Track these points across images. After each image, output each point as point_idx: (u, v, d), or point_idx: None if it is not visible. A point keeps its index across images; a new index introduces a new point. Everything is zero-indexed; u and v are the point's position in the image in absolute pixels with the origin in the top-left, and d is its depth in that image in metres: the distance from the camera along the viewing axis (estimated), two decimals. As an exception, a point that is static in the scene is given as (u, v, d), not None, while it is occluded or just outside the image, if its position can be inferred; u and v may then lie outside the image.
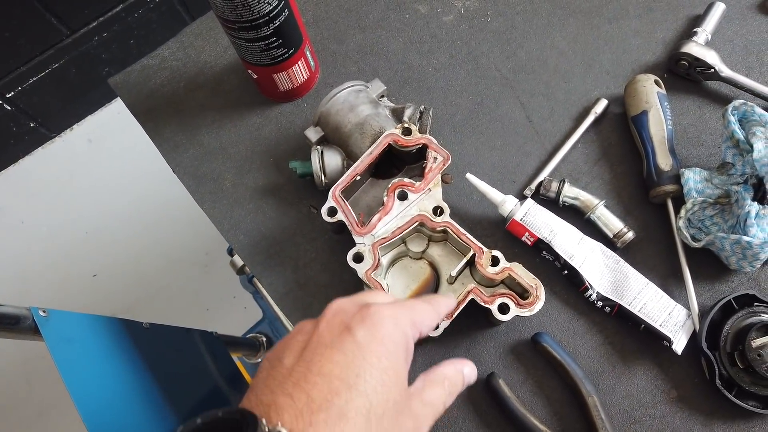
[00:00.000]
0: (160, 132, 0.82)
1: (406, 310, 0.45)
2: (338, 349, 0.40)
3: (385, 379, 0.39)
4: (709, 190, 0.67)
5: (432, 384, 0.46)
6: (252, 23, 0.68)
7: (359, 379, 0.38)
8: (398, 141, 0.68)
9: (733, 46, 0.78)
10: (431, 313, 0.49)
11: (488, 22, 0.84)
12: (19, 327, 0.80)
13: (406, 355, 0.43)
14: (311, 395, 0.37)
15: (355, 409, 0.37)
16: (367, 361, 0.39)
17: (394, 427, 0.40)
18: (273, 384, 0.39)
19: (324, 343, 0.40)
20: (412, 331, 0.45)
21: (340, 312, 0.44)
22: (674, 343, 0.64)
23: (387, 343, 0.41)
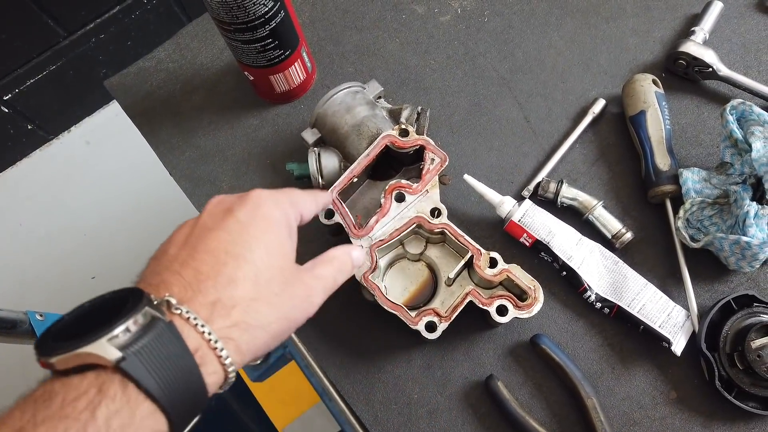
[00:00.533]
0: (157, 134, 0.82)
1: (284, 192, 0.48)
2: (221, 229, 0.42)
3: (269, 249, 0.42)
4: (707, 190, 0.67)
5: (321, 262, 0.49)
6: (248, 25, 0.67)
7: (245, 250, 0.41)
8: (395, 142, 0.67)
9: (731, 45, 0.78)
10: (309, 197, 0.52)
11: (485, 22, 0.83)
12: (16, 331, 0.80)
13: (288, 231, 0.46)
14: (199, 269, 0.39)
15: (243, 274, 0.40)
16: (251, 234, 0.42)
17: (284, 292, 0.42)
18: (159, 268, 0.40)
19: (207, 227, 0.42)
20: (292, 210, 0.48)
21: (221, 202, 0.46)
22: (673, 344, 0.63)
23: (268, 219, 0.44)
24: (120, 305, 0.34)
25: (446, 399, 0.67)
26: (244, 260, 0.40)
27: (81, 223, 1.90)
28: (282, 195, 0.48)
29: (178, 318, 0.36)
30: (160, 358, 0.33)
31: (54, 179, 1.96)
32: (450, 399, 0.67)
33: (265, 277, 0.41)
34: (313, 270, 0.47)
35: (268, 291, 0.41)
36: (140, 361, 0.32)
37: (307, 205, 0.51)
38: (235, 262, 0.40)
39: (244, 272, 0.40)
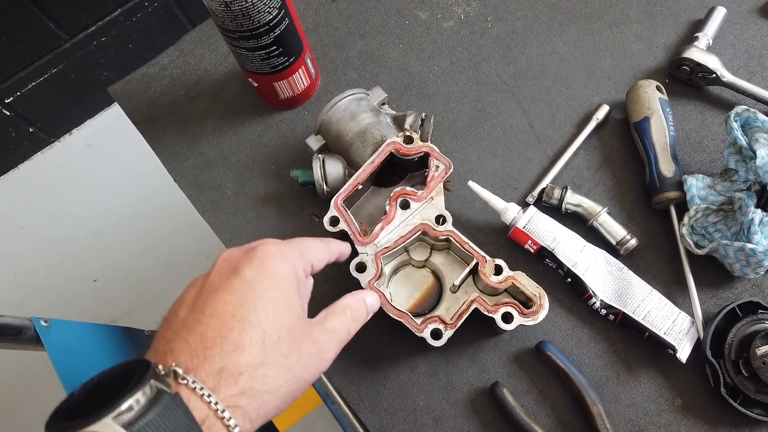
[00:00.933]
0: (161, 140, 0.82)
1: (293, 244, 0.47)
2: (227, 290, 0.41)
3: (276, 308, 0.41)
4: (712, 197, 0.67)
5: (333, 313, 0.48)
6: (252, 32, 0.67)
7: (251, 312, 0.40)
8: (400, 149, 0.68)
9: (735, 51, 0.78)
10: (320, 246, 0.51)
11: (489, 28, 0.84)
12: (21, 338, 0.80)
13: (297, 285, 0.45)
14: (205, 335, 0.38)
15: (249, 339, 0.39)
16: (257, 294, 0.41)
17: (294, 352, 0.41)
18: (169, 333, 0.40)
19: (214, 287, 0.42)
20: (301, 263, 0.47)
21: (228, 258, 0.45)
22: (678, 351, 0.63)
23: (275, 276, 0.43)
24: (127, 378, 0.34)
25: (452, 406, 0.67)
26: (250, 323, 0.40)
27: (82, 225, 1.90)
28: (290, 247, 0.47)
29: (184, 388, 0.36)
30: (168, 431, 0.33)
31: (55, 182, 1.96)
32: (455, 406, 0.67)
33: (272, 339, 0.40)
34: (324, 323, 0.46)
35: (276, 353, 0.40)
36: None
37: (318, 254, 0.50)
38: (240, 326, 0.39)
39: (250, 336, 0.39)
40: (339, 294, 0.70)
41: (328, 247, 0.52)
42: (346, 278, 0.66)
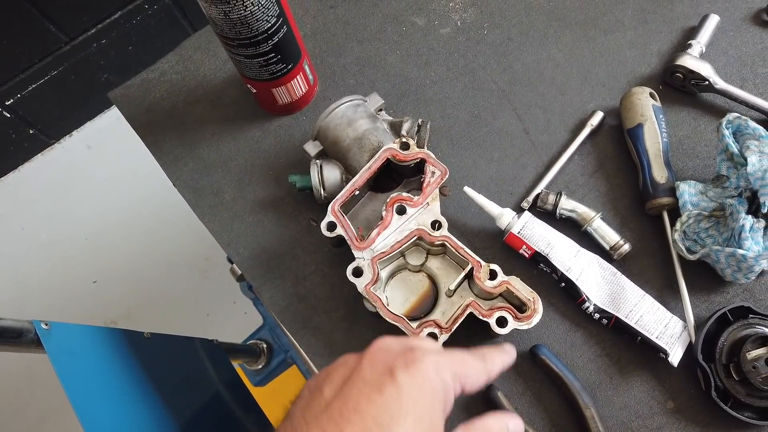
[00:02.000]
0: (160, 145, 0.83)
1: (452, 362, 0.45)
2: (377, 389, 0.40)
3: (418, 426, 0.39)
4: (704, 203, 0.68)
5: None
6: (251, 40, 0.68)
7: (393, 421, 0.39)
8: (396, 155, 0.69)
9: (728, 58, 0.79)
10: (479, 370, 0.48)
11: (485, 35, 0.84)
12: (22, 340, 0.81)
13: (444, 406, 0.43)
14: (344, 431, 0.37)
15: None
16: (404, 405, 0.39)
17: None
18: (309, 416, 0.39)
19: (364, 379, 0.41)
20: (454, 384, 0.44)
21: (385, 350, 0.44)
22: (670, 356, 0.64)
23: (426, 391, 0.41)
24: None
25: (447, 409, 0.68)
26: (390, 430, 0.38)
27: (82, 227, 1.91)
28: (448, 363, 0.44)
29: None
30: None
31: (55, 183, 1.97)
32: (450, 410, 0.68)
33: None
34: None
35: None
36: None
37: (474, 378, 0.47)
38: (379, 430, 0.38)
39: None
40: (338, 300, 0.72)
41: (488, 369, 0.49)
42: (343, 282, 0.67)
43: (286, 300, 0.73)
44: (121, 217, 1.90)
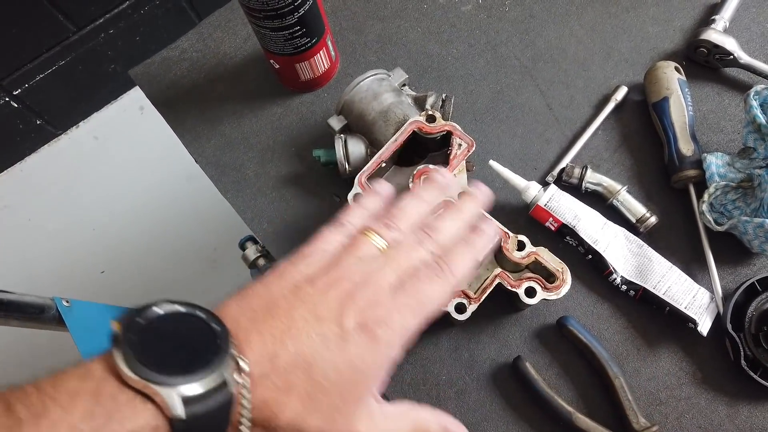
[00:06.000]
0: (182, 122, 0.83)
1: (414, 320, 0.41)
2: (322, 332, 0.38)
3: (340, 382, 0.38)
4: (731, 174, 0.68)
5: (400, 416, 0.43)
6: (277, 12, 0.68)
7: (319, 369, 0.37)
8: (423, 128, 0.68)
9: (751, 34, 0.79)
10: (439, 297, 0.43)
11: (506, 12, 0.84)
12: (44, 317, 0.81)
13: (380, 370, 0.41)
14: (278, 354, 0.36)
15: (300, 391, 0.37)
16: (337, 359, 0.38)
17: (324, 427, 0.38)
18: (258, 311, 0.38)
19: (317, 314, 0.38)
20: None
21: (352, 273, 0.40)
22: (699, 325, 0.64)
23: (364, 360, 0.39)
24: (207, 345, 0.34)
25: (474, 380, 0.68)
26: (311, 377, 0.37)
27: (89, 217, 1.90)
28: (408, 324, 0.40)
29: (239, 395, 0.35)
30: (206, 426, 0.33)
31: (62, 174, 1.96)
32: (478, 380, 0.68)
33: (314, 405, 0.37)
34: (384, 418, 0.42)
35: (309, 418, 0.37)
36: (191, 426, 0.32)
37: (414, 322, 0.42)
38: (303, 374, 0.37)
39: (305, 388, 0.37)
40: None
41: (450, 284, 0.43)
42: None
43: (310, 274, 0.73)
44: (128, 207, 1.90)
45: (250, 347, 0.36)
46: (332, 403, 0.38)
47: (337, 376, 0.38)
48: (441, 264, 0.42)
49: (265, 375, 0.36)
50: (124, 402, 0.32)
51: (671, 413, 0.65)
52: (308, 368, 0.37)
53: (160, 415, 0.32)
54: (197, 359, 0.33)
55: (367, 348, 0.38)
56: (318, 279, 0.40)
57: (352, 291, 0.40)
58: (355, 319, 0.38)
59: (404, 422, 0.44)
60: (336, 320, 0.38)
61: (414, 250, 0.43)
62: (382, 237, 0.43)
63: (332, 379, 0.38)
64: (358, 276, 0.40)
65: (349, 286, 0.40)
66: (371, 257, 0.42)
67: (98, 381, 0.32)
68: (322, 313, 0.38)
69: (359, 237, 0.43)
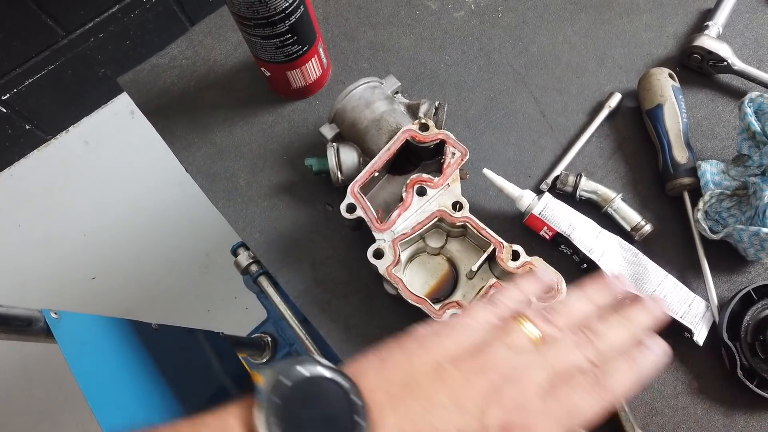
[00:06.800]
0: (172, 131, 0.81)
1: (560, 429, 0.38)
2: (461, 424, 0.35)
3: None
4: (726, 182, 0.68)
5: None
6: (268, 20, 0.67)
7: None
8: (416, 137, 0.68)
9: (744, 40, 0.79)
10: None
11: (499, 18, 0.84)
12: (32, 329, 0.79)
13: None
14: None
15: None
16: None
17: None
18: (396, 385, 0.36)
19: (459, 401, 0.36)
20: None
21: (501, 364, 0.38)
22: (695, 335, 0.64)
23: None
24: (346, 420, 0.33)
25: (469, 392, 0.67)
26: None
27: (80, 223, 1.89)
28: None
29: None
30: None
31: (52, 179, 1.95)
32: (473, 391, 0.67)
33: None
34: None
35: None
36: None
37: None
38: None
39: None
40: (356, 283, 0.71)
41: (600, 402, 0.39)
42: (362, 265, 0.66)
43: (303, 284, 0.72)
44: (119, 212, 1.89)
45: (385, 428, 0.34)
46: None
47: None
48: (599, 375, 0.38)
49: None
50: None
51: (667, 423, 0.64)
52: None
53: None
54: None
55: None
56: (464, 362, 0.37)
57: (499, 385, 0.37)
58: (498, 419, 0.36)
59: None
60: (478, 416, 0.35)
61: (571, 353, 0.39)
62: (537, 327, 0.40)
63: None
64: (506, 368, 0.37)
65: (496, 378, 0.37)
66: (522, 349, 0.39)
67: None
68: (464, 403, 0.36)
69: (511, 322, 0.40)
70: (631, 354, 0.40)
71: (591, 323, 0.42)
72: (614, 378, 0.39)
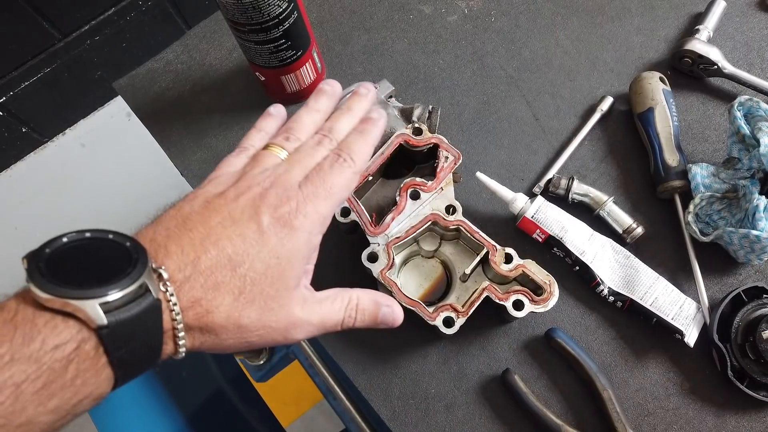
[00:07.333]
0: (167, 135, 0.82)
1: (328, 208, 0.43)
2: (241, 234, 0.40)
3: (268, 272, 0.40)
4: (716, 185, 0.68)
5: (334, 299, 0.46)
6: (262, 26, 0.68)
7: (244, 264, 0.39)
8: (409, 141, 0.68)
9: (734, 43, 0.80)
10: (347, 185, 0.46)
11: (492, 22, 0.85)
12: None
13: (304, 258, 0.43)
14: (200, 258, 0.38)
15: (230, 287, 0.39)
16: (261, 252, 0.40)
17: (259, 320, 0.41)
18: (171, 227, 0.40)
19: (232, 218, 0.40)
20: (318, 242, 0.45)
21: (256, 183, 0.42)
22: (686, 336, 0.65)
23: (287, 249, 0.41)
24: (122, 260, 0.34)
25: (463, 393, 0.68)
26: (237, 274, 0.39)
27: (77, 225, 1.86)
28: (322, 216, 0.43)
29: (162, 295, 0.36)
30: (137, 331, 0.34)
31: (49, 182, 1.95)
32: (467, 393, 0.68)
33: (248, 298, 0.40)
34: (319, 303, 0.45)
35: (244, 309, 0.40)
36: (118, 333, 0.33)
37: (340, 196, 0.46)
38: (230, 273, 0.39)
39: (231, 286, 0.39)
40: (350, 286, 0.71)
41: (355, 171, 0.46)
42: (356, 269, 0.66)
43: (298, 288, 0.73)
44: (116, 215, 1.89)
45: (170, 257, 0.38)
46: (264, 293, 0.40)
47: (263, 268, 0.40)
48: (340, 153, 0.45)
49: (190, 278, 0.38)
50: (42, 324, 0.32)
51: (659, 424, 0.65)
52: (233, 266, 0.39)
53: (84, 327, 0.33)
54: (114, 271, 0.34)
55: (288, 237, 0.41)
56: (227, 191, 0.42)
57: (263, 193, 0.42)
58: (270, 215, 0.41)
59: (337, 302, 0.47)
60: (252, 219, 0.40)
61: (315, 151, 0.46)
62: (283, 148, 0.46)
63: (259, 271, 0.40)
64: (267, 181, 0.43)
65: (259, 190, 0.42)
66: (276, 166, 0.44)
67: (14, 312, 0.33)
68: (237, 216, 0.40)
69: (262, 152, 0.46)
70: (359, 128, 0.48)
71: (323, 125, 0.49)
72: (351, 149, 0.46)
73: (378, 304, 0.49)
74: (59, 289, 0.32)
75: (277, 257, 0.41)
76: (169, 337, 0.37)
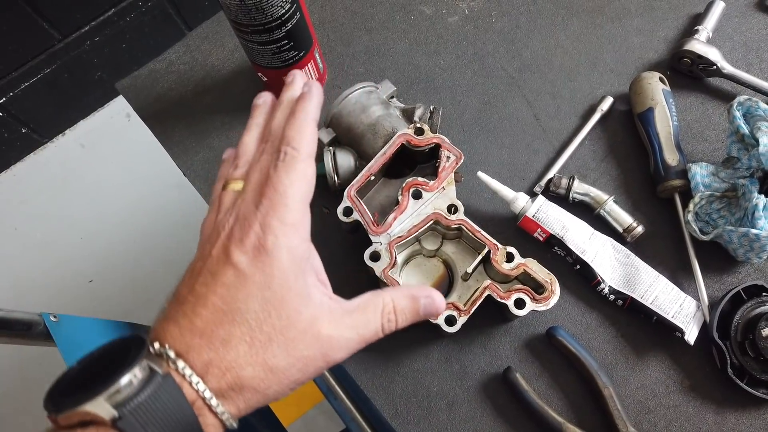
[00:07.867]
0: (170, 136, 0.82)
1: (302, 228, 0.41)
2: (221, 282, 0.39)
3: (268, 307, 0.39)
4: (716, 184, 0.69)
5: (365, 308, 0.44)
6: (265, 26, 0.68)
7: (240, 311, 0.38)
8: (411, 141, 0.69)
9: (734, 44, 0.80)
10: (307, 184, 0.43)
11: (493, 23, 0.85)
12: (32, 333, 0.80)
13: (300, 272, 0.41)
14: (195, 323, 0.38)
15: (238, 338, 0.38)
16: (251, 292, 0.39)
17: (288, 355, 0.39)
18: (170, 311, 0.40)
19: (210, 271, 0.40)
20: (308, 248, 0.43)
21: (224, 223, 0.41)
22: (686, 334, 0.65)
23: (275, 275, 0.39)
24: (123, 355, 0.35)
25: (465, 391, 0.68)
26: (236, 323, 0.38)
27: (77, 226, 1.89)
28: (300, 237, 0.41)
29: (175, 373, 0.36)
30: (158, 412, 0.34)
31: (49, 183, 1.95)
32: (468, 391, 0.68)
33: (261, 339, 0.38)
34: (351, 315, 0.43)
35: (267, 355, 0.38)
36: (136, 419, 0.33)
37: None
38: (229, 324, 0.38)
39: (238, 334, 0.38)
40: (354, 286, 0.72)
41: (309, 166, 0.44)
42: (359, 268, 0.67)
43: (301, 287, 0.73)
44: (116, 216, 1.89)
45: (168, 334, 0.38)
46: (277, 328, 0.39)
47: (261, 304, 0.39)
48: (280, 148, 0.43)
49: (192, 345, 0.37)
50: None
51: (660, 421, 0.66)
52: (230, 317, 0.38)
53: (102, 428, 0.33)
54: (115, 368, 0.34)
55: (269, 264, 0.39)
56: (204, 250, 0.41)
57: (229, 234, 0.40)
58: (241, 252, 0.39)
59: (369, 310, 0.44)
60: (227, 264, 0.39)
61: (260, 162, 0.44)
62: (237, 179, 0.44)
63: (259, 309, 0.38)
64: (230, 220, 0.41)
65: (225, 233, 0.41)
66: (235, 200, 0.43)
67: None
68: (213, 269, 0.39)
69: (221, 194, 0.44)
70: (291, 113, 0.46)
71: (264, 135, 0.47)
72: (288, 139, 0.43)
73: (415, 299, 0.47)
74: (67, 401, 0.33)
75: (269, 288, 0.39)
76: (201, 407, 0.36)
